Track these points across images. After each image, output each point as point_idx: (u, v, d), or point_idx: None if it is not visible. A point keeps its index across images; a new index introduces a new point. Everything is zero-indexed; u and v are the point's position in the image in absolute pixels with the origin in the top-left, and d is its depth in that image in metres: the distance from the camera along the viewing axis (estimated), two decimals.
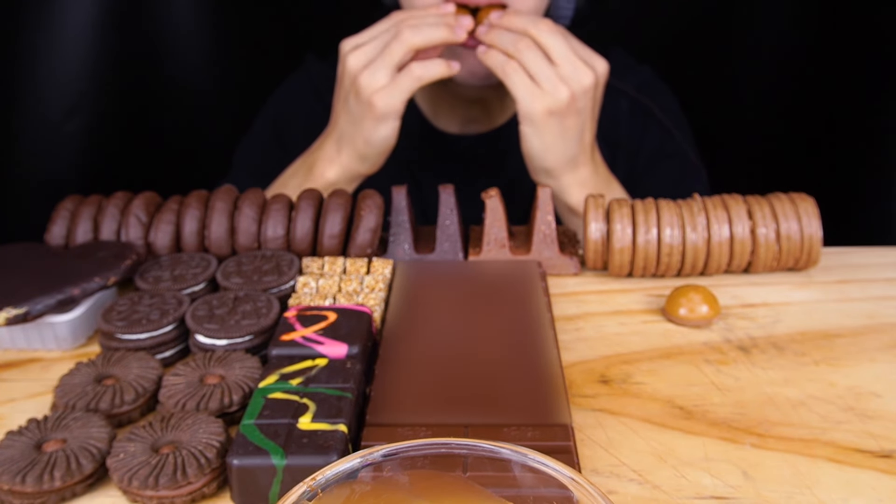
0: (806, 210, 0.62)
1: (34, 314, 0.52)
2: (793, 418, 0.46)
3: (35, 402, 0.50)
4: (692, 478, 0.42)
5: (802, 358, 0.53)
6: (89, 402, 0.46)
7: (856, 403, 0.48)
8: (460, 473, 0.35)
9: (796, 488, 0.41)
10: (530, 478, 0.33)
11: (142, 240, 0.63)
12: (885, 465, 0.42)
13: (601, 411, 0.47)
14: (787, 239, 0.62)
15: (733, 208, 0.62)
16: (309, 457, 0.39)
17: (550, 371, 0.47)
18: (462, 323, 0.52)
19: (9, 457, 0.41)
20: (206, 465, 0.40)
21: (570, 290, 0.62)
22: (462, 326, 0.52)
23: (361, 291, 0.56)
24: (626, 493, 0.41)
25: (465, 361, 0.48)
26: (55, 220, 0.64)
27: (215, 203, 0.64)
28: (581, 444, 0.44)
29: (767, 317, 0.58)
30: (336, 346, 0.48)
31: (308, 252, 0.63)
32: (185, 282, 0.57)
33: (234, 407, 0.46)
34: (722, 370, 0.51)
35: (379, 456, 0.33)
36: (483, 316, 0.53)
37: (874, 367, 0.51)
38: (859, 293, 0.61)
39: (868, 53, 1.03)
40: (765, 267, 0.63)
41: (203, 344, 0.51)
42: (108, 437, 0.42)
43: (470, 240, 0.66)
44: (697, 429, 0.46)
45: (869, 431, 0.45)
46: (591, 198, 0.64)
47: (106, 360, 0.49)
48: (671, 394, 0.49)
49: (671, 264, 0.62)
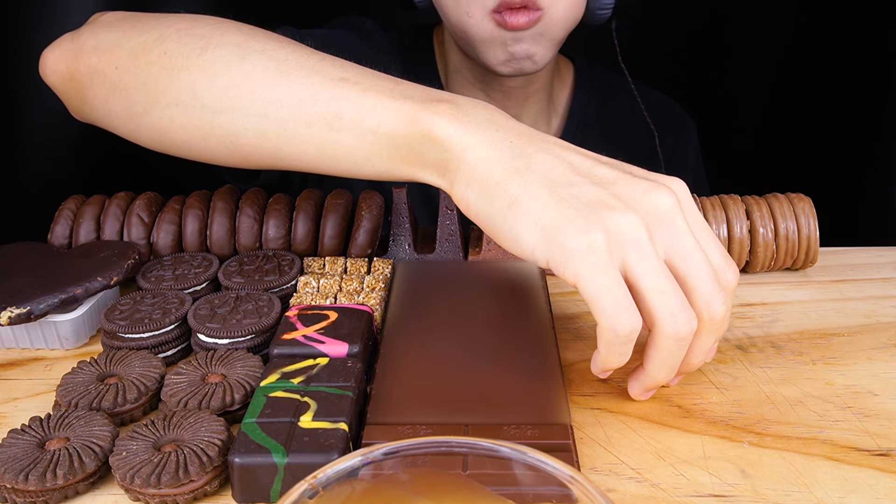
0: (804, 210, 0.62)
1: (37, 313, 0.52)
2: (790, 417, 0.47)
3: (38, 400, 0.50)
4: (690, 476, 0.42)
5: (800, 357, 0.53)
6: (92, 401, 0.46)
7: (853, 402, 0.48)
8: (460, 472, 0.35)
9: (794, 486, 0.41)
10: (530, 476, 0.33)
11: (144, 239, 0.63)
12: (882, 463, 0.43)
13: (600, 410, 0.48)
14: (785, 239, 0.62)
15: (731, 208, 0.62)
16: (310, 455, 0.39)
17: (550, 370, 0.47)
18: (462, 322, 0.52)
19: (12, 455, 0.41)
20: (208, 463, 0.40)
21: (570, 290, 0.63)
22: (462, 326, 0.52)
23: (362, 291, 0.56)
24: (624, 490, 0.41)
25: (466, 361, 0.48)
26: (58, 220, 0.64)
27: (217, 203, 0.64)
28: (580, 443, 0.44)
29: (765, 316, 0.58)
30: (337, 345, 0.48)
31: (309, 252, 0.63)
32: (187, 281, 0.58)
33: (236, 405, 0.46)
34: (720, 369, 0.52)
35: (380, 454, 0.33)
36: (483, 315, 0.53)
37: (872, 366, 0.52)
38: (857, 293, 0.62)
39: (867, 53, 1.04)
40: (763, 266, 0.63)
41: (205, 343, 0.52)
42: (111, 435, 0.43)
43: (470, 240, 0.66)
44: (696, 427, 0.46)
45: (866, 430, 0.45)
46: None
47: (108, 359, 0.50)
48: (669, 392, 0.49)
49: None
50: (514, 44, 0.73)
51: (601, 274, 0.40)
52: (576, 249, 0.40)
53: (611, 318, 0.41)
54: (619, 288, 0.40)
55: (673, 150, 0.91)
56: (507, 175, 0.43)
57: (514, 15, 0.71)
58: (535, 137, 0.45)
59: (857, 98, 1.05)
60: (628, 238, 0.41)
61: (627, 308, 0.41)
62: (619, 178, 0.44)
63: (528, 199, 0.42)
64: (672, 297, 0.41)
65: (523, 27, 0.71)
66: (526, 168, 0.43)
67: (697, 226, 0.44)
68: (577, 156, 0.45)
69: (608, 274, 0.40)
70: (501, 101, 0.83)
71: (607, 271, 0.40)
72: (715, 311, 0.42)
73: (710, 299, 0.42)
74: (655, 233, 0.42)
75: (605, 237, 0.40)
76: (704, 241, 0.44)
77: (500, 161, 0.44)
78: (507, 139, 0.44)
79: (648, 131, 0.86)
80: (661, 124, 0.86)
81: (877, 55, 1.02)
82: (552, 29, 0.73)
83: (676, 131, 0.92)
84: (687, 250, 0.42)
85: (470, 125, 0.45)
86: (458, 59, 0.83)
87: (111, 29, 0.56)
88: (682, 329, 0.41)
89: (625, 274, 0.41)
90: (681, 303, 0.41)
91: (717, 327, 0.43)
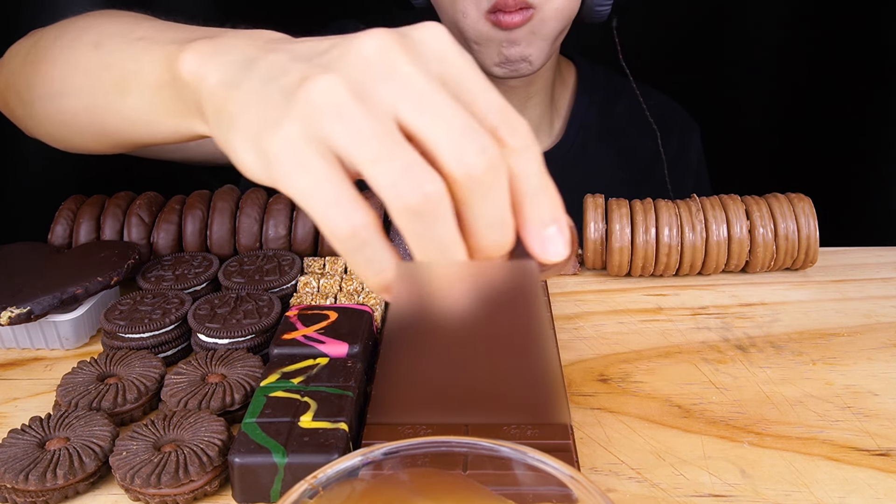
0: (803, 210, 0.62)
1: (37, 313, 0.52)
2: (790, 417, 0.47)
3: (38, 400, 0.50)
4: (690, 476, 0.42)
5: (800, 357, 0.53)
6: (92, 401, 0.46)
7: (853, 402, 0.48)
8: (460, 472, 0.35)
9: (794, 486, 0.41)
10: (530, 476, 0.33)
11: (144, 239, 0.63)
12: (882, 463, 0.43)
13: (600, 410, 0.48)
14: (785, 239, 0.62)
15: (731, 208, 0.62)
16: (310, 455, 0.39)
17: (550, 370, 0.47)
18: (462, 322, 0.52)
19: (12, 455, 0.41)
20: (208, 463, 0.40)
21: (569, 290, 0.63)
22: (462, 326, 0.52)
23: (362, 291, 0.56)
24: (624, 490, 0.41)
25: (465, 360, 0.48)
26: (58, 220, 0.64)
27: (217, 203, 0.64)
28: (580, 443, 0.44)
29: (765, 316, 0.58)
30: (337, 345, 0.48)
31: (309, 252, 0.63)
32: (187, 281, 0.58)
33: (236, 405, 0.46)
34: (720, 369, 0.52)
35: (380, 454, 0.33)
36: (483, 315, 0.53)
37: (871, 366, 0.52)
38: (856, 292, 0.62)
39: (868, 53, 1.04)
40: (763, 266, 0.63)
41: (205, 343, 0.52)
42: (111, 435, 0.43)
43: None
44: (696, 427, 0.46)
45: (866, 430, 0.45)
46: (590, 197, 0.64)
47: (108, 358, 0.50)
48: (669, 392, 0.49)
49: (669, 264, 0.62)
50: (508, 47, 0.73)
51: (300, 172, 0.32)
52: (274, 153, 0.32)
53: (321, 219, 0.32)
54: (325, 181, 0.31)
55: (676, 153, 0.91)
56: (227, 94, 0.36)
57: (508, 15, 0.71)
58: (277, 41, 0.37)
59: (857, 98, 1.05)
60: (324, 109, 0.31)
61: (338, 202, 0.32)
62: (333, 44, 0.34)
63: (241, 111, 0.34)
64: (388, 164, 0.31)
65: (517, 25, 0.71)
66: (246, 78, 0.35)
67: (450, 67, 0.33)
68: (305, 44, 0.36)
69: (309, 169, 0.31)
70: None
71: (307, 166, 0.31)
72: (470, 164, 0.31)
73: (459, 150, 0.31)
74: (371, 89, 0.32)
75: (299, 124, 0.32)
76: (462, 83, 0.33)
77: (229, 82, 0.36)
78: (244, 55, 0.36)
79: (651, 133, 0.86)
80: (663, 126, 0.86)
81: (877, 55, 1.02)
82: (545, 27, 0.73)
83: (679, 134, 0.92)
84: (417, 96, 0.31)
85: (214, 55, 0.38)
86: None
87: (16, 44, 0.58)
88: (409, 199, 0.31)
89: (339, 155, 0.32)
90: (402, 167, 0.31)
91: (490, 184, 0.32)
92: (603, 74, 0.92)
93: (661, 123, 0.86)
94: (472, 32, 0.74)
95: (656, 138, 0.85)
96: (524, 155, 0.33)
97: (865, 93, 1.04)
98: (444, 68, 0.32)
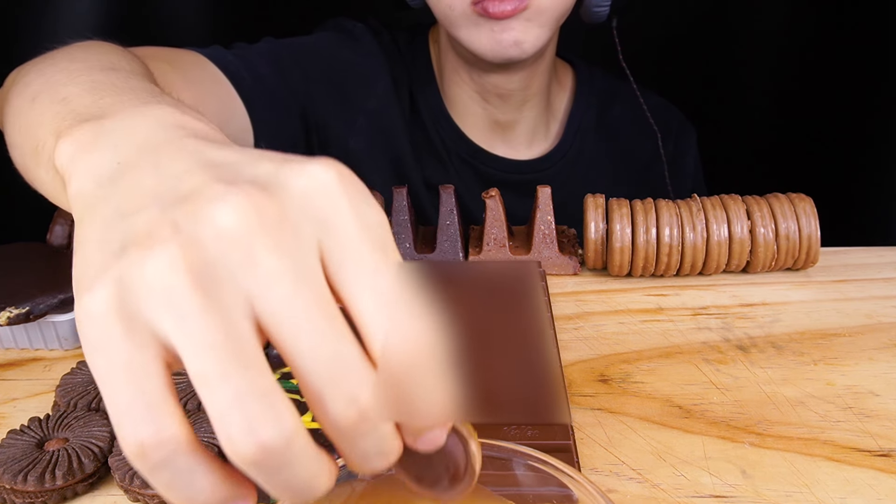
0: (804, 210, 0.62)
1: (36, 313, 0.52)
2: (791, 417, 0.47)
3: (37, 401, 0.50)
4: (691, 476, 0.42)
5: (801, 357, 0.53)
6: (91, 402, 0.46)
7: (854, 403, 0.48)
8: None
9: (795, 487, 0.41)
10: (530, 476, 0.33)
11: None
12: (883, 463, 0.43)
13: (601, 410, 0.47)
14: (786, 239, 0.62)
15: (732, 208, 0.62)
16: None
17: (550, 370, 0.47)
18: (462, 322, 0.52)
19: (10, 456, 0.41)
20: None
21: (570, 290, 0.62)
22: (462, 326, 0.52)
23: None
24: (625, 491, 0.41)
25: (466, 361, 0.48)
26: (57, 220, 0.64)
27: None
28: (581, 443, 0.44)
29: (766, 316, 0.58)
30: None
31: None
32: None
33: None
34: (721, 369, 0.51)
35: None
36: (483, 315, 0.53)
37: (873, 367, 0.52)
38: (858, 293, 0.61)
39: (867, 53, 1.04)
40: (763, 266, 0.63)
41: None
42: (110, 436, 0.43)
43: (470, 240, 0.66)
44: (696, 428, 0.46)
45: (867, 430, 0.45)
46: (590, 197, 0.64)
47: None
48: (670, 393, 0.49)
49: (670, 264, 0.62)
50: (500, 31, 0.70)
51: (98, 352, 0.24)
52: (77, 315, 0.25)
53: (115, 423, 0.24)
54: (122, 372, 0.23)
55: (673, 155, 0.90)
56: (81, 213, 0.29)
57: (497, 4, 0.68)
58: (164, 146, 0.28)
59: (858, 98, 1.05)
60: (152, 288, 0.23)
61: (131, 406, 0.23)
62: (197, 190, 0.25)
63: (82, 241, 0.27)
64: (218, 388, 0.23)
65: (508, 15, 0.69)
66: (103, 198, 0.28)
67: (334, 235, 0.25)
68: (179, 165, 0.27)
69: (107, 351, 0.24)
70: (498, 105, 0.83)
71: (106, 348, 0.24)
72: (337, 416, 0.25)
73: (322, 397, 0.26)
74: (220, 275, 0.24)
75: (116, 291, 0.24)
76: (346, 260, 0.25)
77: (87, 198, 0.29)
78: (118, 159, 0.29)
79: (649, 136, 0.86)
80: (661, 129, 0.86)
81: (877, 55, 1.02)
82: (542, 16, 0.71)
83: (676, 136, 0.92)
84: (277, 301, 0.24)
85: (91, 150, 0.31)
86: (454, 59, 0.82)
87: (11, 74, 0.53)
88: (240, 447, 0.23)
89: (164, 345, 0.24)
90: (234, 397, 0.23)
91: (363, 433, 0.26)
92: (601, 77, 0.91)
93: (658, 126, 0.86)
94: (463, 20, 0.72)
95: (655, 140, 0.85)
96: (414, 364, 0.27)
97: (867, 92, 1.04)
98: (326, 236, 0.25)
